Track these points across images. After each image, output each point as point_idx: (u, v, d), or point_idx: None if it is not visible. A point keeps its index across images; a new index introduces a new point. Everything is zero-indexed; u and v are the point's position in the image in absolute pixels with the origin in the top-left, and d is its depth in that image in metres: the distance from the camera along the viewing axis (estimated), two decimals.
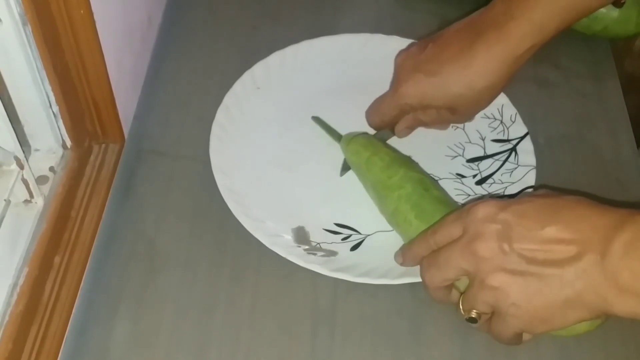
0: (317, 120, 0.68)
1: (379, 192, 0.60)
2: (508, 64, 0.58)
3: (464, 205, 0.55)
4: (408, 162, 0.61)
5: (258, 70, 0.71)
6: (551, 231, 0.47)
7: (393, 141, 0.66)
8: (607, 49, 0.77)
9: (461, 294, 0.51)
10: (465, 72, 0.59)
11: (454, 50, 0.59)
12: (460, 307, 0.51)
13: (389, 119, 0.65)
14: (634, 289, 0.44)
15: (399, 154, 0.63)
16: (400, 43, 0.73)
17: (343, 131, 0.66)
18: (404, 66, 0.63)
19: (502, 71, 0.58)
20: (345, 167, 0.65)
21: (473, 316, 0.50)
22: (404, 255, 0.56)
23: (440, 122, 0.66)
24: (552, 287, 0.46)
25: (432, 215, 0.56)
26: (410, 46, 0.64)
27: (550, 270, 0.46)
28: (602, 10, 0.72)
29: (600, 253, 0.45)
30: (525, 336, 0.52)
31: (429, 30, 0.76)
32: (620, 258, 0.44)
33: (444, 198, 0.59)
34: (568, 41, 0.76)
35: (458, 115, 0.62)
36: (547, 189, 0.54)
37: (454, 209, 0.55)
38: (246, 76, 0.70)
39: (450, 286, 0.53)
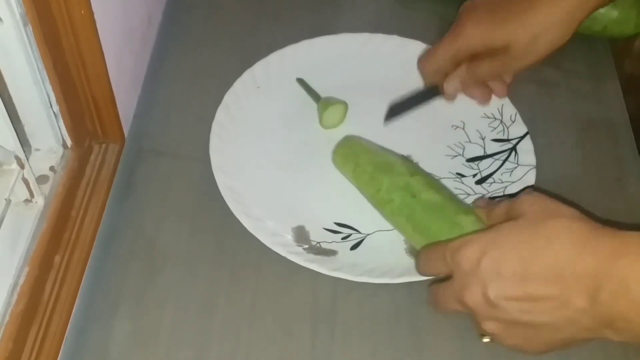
0: (301, 82, 0.70)
1: (375, 207, 0.60)
2: (573, 5, 0.58)
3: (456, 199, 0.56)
4: (392, 164, 0.60)
5: (258, 69, 0.71)
6: (533, 287, 0.46)
7: (393, 140, 0.66)
8: (607, 49, 0.77)
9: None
10: (531, 10, 0.58)
11: None
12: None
13: (444, 65, 0.63)
14: (631, 329, 0.44)
15: (381, 156, 0.61)
16: (400, 42, 0.73)
17: (342, 131, 0.67)
18: (466, 10, 0.62)
19: (567, 13, 0.58)
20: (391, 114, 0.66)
21: (486, 340, 0.53)
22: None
23: (496, 72, 0.64)
24: (547, 333, 0.47)
25: (427, 227, 0.56)
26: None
27: (541, 318, 0.46)
28: (602, 10, 0.72)
29: (587, 301, 0.44)
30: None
31: (429, 29, 0.76)
32: (610, 307, 0.43)
33: (434, 200, 0.57)
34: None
35: (515, 59, 0.61)
36: (537, 192, 0.52)
37: (443, 218, 0.55)
38: (246, 75, 0.70)
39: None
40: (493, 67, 0.63)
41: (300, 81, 0.70)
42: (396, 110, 0.67)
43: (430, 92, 0.67)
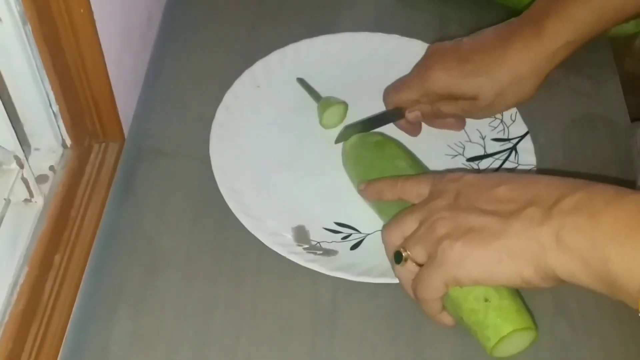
0: (302, 82, 0.70)
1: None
2: (541, 60, 0.59)
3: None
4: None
5: (258, 69, 0.71)
6: (505, 189, 0.48)
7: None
8: (607, 47, 0.77)
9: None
10: (498, 61, 0.60)
11: (489, 42, 0.60)
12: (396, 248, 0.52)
13: (406, 101, 0.65)
14: (573, 245, 0.43)
15: (380, 162, 0.61)
16: (400, 42, 0.73)
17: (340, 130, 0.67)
18: (435, 53, 0.63)
19: (535, 66, 0.59)
20: (341, 137, 0.66)
21: (402, 254, 0.51)
22: (368, 184, 0.58)
23: (455, 115, 0.65)
24: (493, 233, 0.47)
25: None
26: (443, 42, 0.64)
27: (496, 219, 0.47)
28: None
29: (547, 207, 0.45)
30: (447, 318, 0.52)
31: (429, 29, 0.76)
32: (567, 213, 0.44)
33: None
34: None
35: (479, 108, 0.62)
36: None
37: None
38: (246, 75, 0.70)
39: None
40: (456, 111, 0.64)
41: (301, 81, 0.70)
42: (350, 130, 0.66)
43: (391, 115, 0.67)
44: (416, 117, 0.65)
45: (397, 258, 0.51)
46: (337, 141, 0.66)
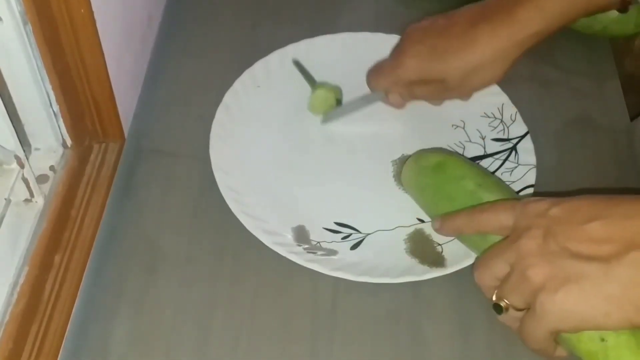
0: (297, 65, 0.70)
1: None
2: (509, 46, 0.60)
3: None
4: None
5: (258, 68, 0.71)
6: (596, 226, 0.45)
7: (393, 141, 0.66)
8: (607, 48, 0.77)
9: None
10: (466, 47, 0.61)
11: (460, 27, 0.61)
12: (495, 292, 0.49)
13: (384, 86, 0.67)
14: None
15: (446, 188, 0.58)
16: None
17: (342, 131, 0.67)
18: (410, 37, 0.65)
19: (502, 52, 0.60)
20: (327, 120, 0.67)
21: (501, 304, 0.49)
22: (443, 222, 0.56)
23: (432, 98, 0.67)
24: (595, 282, 0.44)
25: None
26: (422, 19, 0.66)
27: (595, 265, 0.44)
28: None
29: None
30: (559, 351, 0.49)
31: None
32: None
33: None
34: (568, 40, 0.76)
35: (449, 90, 0.64)
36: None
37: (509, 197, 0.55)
38: (246, 75, 0.70)
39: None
40: (428, 93, 0.67)
41: (297, 63, 0.70)
42: (339, 111, 0.68)
43: (376, 96, 0.69)
44: (396, 100, 0.67)
45: (498, 310, 0.49)
46: (323, 122, 0.68)
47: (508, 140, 0.67)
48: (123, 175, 0.64)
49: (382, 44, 0.73)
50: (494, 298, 0.49)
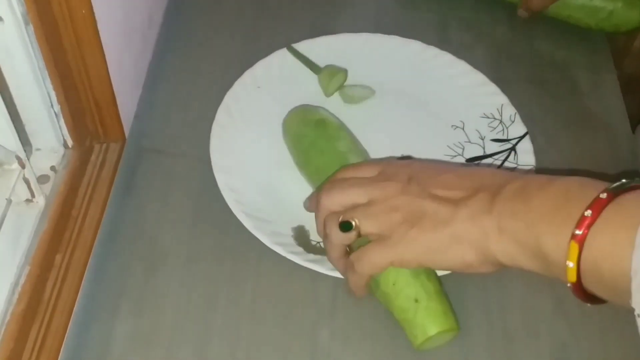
0: (293, 50, 0.71)
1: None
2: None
3: None
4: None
5: (259, 69, 0.71)
6: (454, 176, 0.51)
7: (392, 141, 0.66)
8: (606, 48, 0.77)
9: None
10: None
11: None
12: (344, 213, 0.53)
13: None
14: (510, 229, 0.46)
15: (321, 143, 0.62)
16: (400, 42, 0.74)
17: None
18: None
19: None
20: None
21: (352, 222, 0.52)
22: (320, 194, 0.56)
23: None
24: (445, 220, 0.49)
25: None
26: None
27: (446, 207, 0.49)
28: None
29: (491, 195, 0.48)
30: (362, 293, 0.54)
31: (429, 29, 0.77)
32: (507, 199, 0.47)
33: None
34: (567, 40, 0.76)
35: None
36: None
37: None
38: (247, 75, 0.70)
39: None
40: None
41: (293, 50, 0.70)
42: None
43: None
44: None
45: (346, 226, 0.52)
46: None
47: (507, 140, 0.67)
48: (124, 175, 0.64)
49: (381, 44, 0.74)
50: (342, 217, 0.52)
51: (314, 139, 0.62)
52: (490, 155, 0.66)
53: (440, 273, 0.55)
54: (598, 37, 0.78)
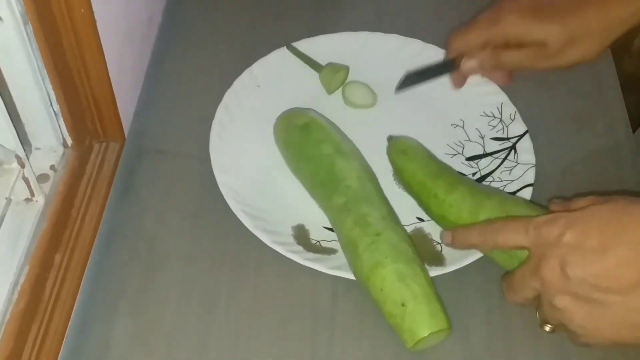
0: (293, 49, 0.70)
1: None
2: (614, 19, 0.58)
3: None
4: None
5: (258, 68, 0.71)
6: (614, 257, 0.46)
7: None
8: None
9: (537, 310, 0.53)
10: (573, 13, 0.59)
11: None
12: (538, 318, 0.53)
13: (472, 45, 0.64)
14: None
15: (307, 150, 0.62)
16: (400, 42, 0.74)
17: (342, 129, 0.67)
18: (508, 1, 0.62)
19: (607, 25, 0.59)
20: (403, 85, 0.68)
21: (547, 330, 0.52)
22: (455, 238, 0.56)
23: (522, 65, 0.63)
24: (617, 314, 0.47)
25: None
26: None
27: (614, 297, 0.46)
28: None
29: None
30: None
31: (429, 29, 0.76)
32: None
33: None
34: None
35: (546, 57, 0.61)
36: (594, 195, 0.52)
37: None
38: (246, 74, 0.70)
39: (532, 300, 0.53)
40: (520, 59, 0.63)
41: (293, 49, 0.70)
42: (409, 81, 0.68)
43: (444, 67, 0.68)
44: (471, 69, 0.65)
45: (551, 331, 0.53)
46: (398, 89, 0.68)
47: (507, 139, 0.67)
48: (123, 174, 0.64)
49: (381, 43, 0.74)
50: (544, 327, 0.52)
51: (299, 146, 0.62)
52: (490, 154, 0.66)
53: (432, 274, 0.55)
54: None
